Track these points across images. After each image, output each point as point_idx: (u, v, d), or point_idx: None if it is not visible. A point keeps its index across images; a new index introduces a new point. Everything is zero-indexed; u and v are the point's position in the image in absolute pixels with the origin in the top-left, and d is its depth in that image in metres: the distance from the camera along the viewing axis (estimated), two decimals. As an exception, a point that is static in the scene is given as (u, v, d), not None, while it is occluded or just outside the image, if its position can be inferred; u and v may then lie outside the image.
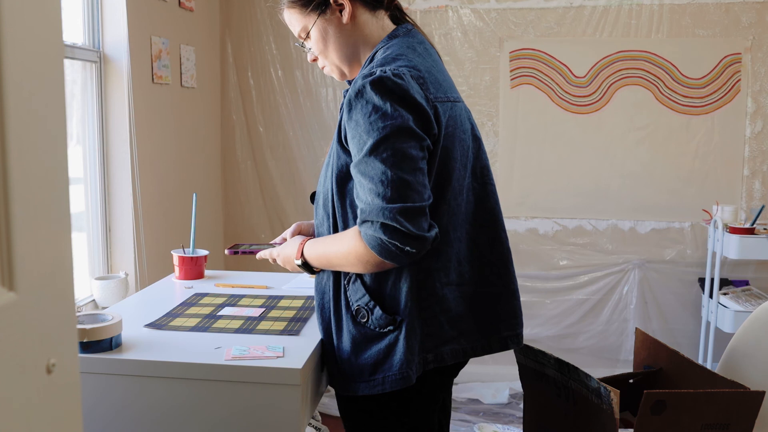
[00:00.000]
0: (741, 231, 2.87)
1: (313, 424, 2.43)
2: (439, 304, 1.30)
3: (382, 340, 1.28)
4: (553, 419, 1.74)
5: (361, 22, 1.36)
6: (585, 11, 3.27)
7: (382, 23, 1.39)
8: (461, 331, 1.33)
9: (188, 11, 3.02)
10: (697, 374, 1.76)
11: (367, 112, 1.20)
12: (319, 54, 1.41)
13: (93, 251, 2.54)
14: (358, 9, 1.35)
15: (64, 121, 0.69)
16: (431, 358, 1.30)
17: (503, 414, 3.10)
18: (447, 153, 1.28)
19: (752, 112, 3.22)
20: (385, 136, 1.18)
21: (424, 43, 1.38)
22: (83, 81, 2.48)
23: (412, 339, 1.27)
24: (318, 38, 1.38)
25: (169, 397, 1.28)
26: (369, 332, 1.29)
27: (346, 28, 1.36)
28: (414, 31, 1.39)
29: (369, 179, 1.19)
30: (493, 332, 1.38)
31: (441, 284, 1.30)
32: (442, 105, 1.27)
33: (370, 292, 1.28)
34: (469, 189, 1.35)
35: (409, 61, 1.26)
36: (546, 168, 3.37)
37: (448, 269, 1.31)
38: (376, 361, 1.28)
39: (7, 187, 0.61)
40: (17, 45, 0.61)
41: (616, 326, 3.39)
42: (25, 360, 0.64)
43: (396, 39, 1.35)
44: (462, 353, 1.34)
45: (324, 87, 3.45)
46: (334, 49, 1.38)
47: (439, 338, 1.31)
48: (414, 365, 1.27)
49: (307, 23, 1.37)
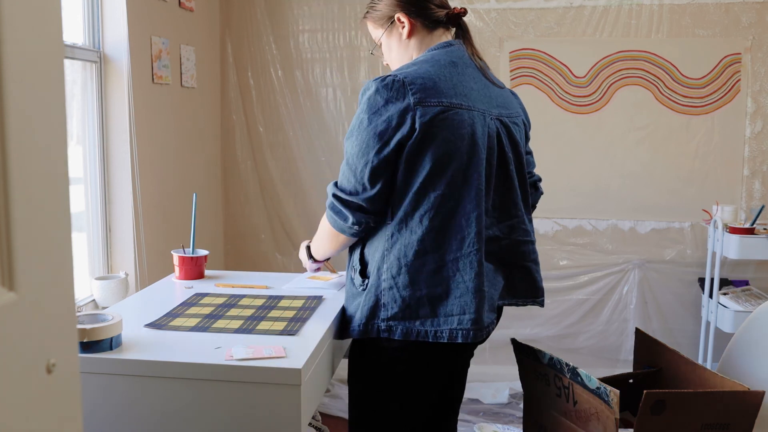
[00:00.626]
0: (741, 231, 2.87)
1: (313, 424, 2.43)
2: (395, 278, 1.44)
3: (358, 298, 1.50)
4: (554, 419, 1.74)
5: (418, 38, 1.58)
6: (585, 11, 3.27)
7: (438, 40, 1.58)
8: (416, 313, 1.43)
9: (188, 11, 3.02)
10: (697, 374, 1.76)
11: (357, 111, 1.47)
12: (388, 61, 1.65)
13: (93, 251, 2.54)
14: (417, 27, 1.57)
15: (64, 121, 0.69)
16: (383, 326, 1.45)
17: (503, 414, 3.10)
18: (423, 149, 1.41)
19: (752, 112, 3.22)
20: (355, 135, 1.44)
21: (457, 59, 1.51)
22: (83, 81, 2.48)
23: (367, 302, 1.47)
24: (385, 48, 1.63)
25: (169, 398, 1.28)
26: (354, 290, 1.53)
27: (405, 42, 1.59)
28: (455, 47, 1.54)
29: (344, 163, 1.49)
30: (445, 324, 1.44)
31: (404, 263, 1.43)
32: (426, 108, 1.40)
33: (361, 257, 1.52)
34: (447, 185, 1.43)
35: (416, 70, 1.44)
36: (546, 168, 3.36)
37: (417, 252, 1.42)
38: (353, 314, 1.51)
39: (7, 187, 0.61)
40: (17, 45, 0.61)
41: (616, 326, 3.39)
42: (25, 360, 0.64)
43: (429, 53, 1.53)
44: (415, 333, 1.44)
45: (324, 87, 3.45)
46: (395, 57, 1.62)
47: (394, 311, 1.44)
48: (364, 325, 1.47)
49: (377, 35, 1.63)
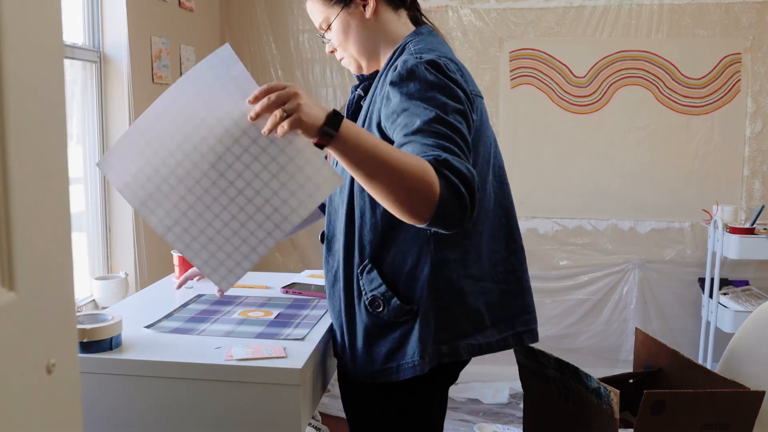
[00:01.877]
0: (741, 231, 2.87)
1: (313, 424, 2.44)
2: (454, 295, 1.29)
3: (397, 330, 1.28)
4: (553, 419, 1.74)
5: (383, 18, 1.38)
6: (585, 11, 3.27)
7: (404, 22, 1.42)
8: (477, 327, 1.33)
9: (188, 11, 3.02)
10: (697, 374, 1.76)
11: (421, 88, 1.18)
12: (339, 46, 1.41)
13: (93, 251, 2.54)
14: (382, 6, 1.38)
15: (64, 121, 0.69)
16: (446, 350, 1.29)
17: (503, 414, 3.10)
18: (475, 147, 1.28)
19: (752, 112, 3.22)
20: (444, 103, 1.16)
21: (445, 44, 1.42)
22: (83, 81, 2.48)
23: (426, 329, 1.27)
24: (339, 31, 1.38)
25: (169, 397, 1.28)
26: (383, 322, 1.29)
27: (368, 23, 1.37)
28: (435, 32, 1.43)
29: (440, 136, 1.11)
30: (509, 328, 1.38)
31: (458, 276, 1.29)
32: (476, 99, 1.29)
33: (386, 282, 1.27)
34: (491, 185, 1.37)
35: (443, 53, 1.28)
36: (546, 168, 3.37)
37: (466, 262, 1.30)
38: (389, 350, 1.29)
39: (7, 187, 0.61)
40: (17, 45, 0.61)
41: (616, 326, 3.39)
42: (25, 360, 0.64)
43: (422, 36, 1.37)
44: (478, 349, 1.33)
45: (324, 87, 3.45)
46: (355, 42, 1.39)
47: (454, 331, 1.30)
48: (428, 355, 1.27)
49: (330, 15, 1.38)
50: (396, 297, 1.26)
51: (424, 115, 1.13)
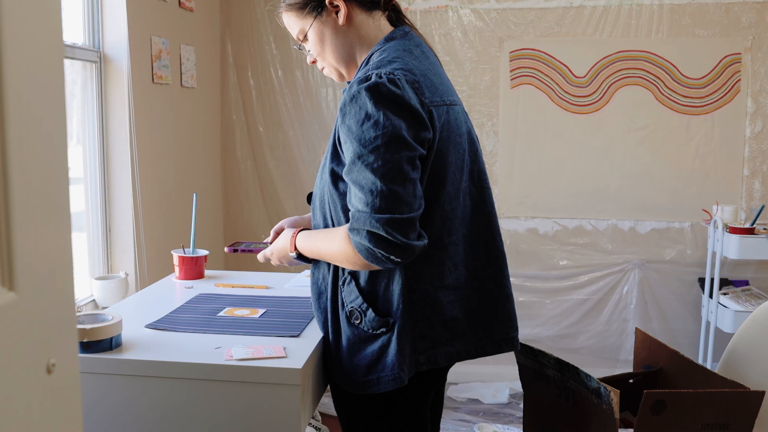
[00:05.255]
0: (741, 231, 2.87)
1: (313, 424, 2.43)
2: (430, 306, 1.30)
3: (375, 342, 1.30)
4: (553, 419, 1.74)
5: (357, 23, 1.36)
6: (585, 11, 3.27)
7: (379, 24, 1.39)
8: (455, 335, 1.34)
9: (188, 11, 3.02)
10: (697, 374, 1.76)
11: (359, 119, 1.20)
12: (317, 56, 1.41)
13: (93, 251, 2.54)
14: (354, 10, 1.35)
15: (64, 121, 0.69)
16: (423, 359, 1.31)
17: (503, 414, 3.10)
18: (442, 157, 1.28)
19: (752, 112, 3.22)
20: (377, 146, 1.18)
21: (421, 46, 1.38)
22: (83, 81, 2.48)
23: (403, 341, 1.28)
24: (315, 40, 1.38)
25: (169, 397, 1.28)
26: (363, 333, 1.31)
27: (342, 30, 1.36)
28: (411, 33, 1.39)
29: (359, 187, 1.20)
30: (487, 335, 1.38)
31: (434, 287, 1.30)
32: (437, 109, 1.27)
33: (363, 294, 1.30)
34: (466, 193, 1.35)
35: (405, 65, 1.26)
36: (546, 168, 3.37)
37: (442, 273, 1.31)
38: (370, 362, 1.30)
39: (7, 187, 0.61)
40: (17, 45, 0.61)
41: (616, 326, 3.39)
42: (25, 360, 0.64)
43: (392, 42, 1.34)
44: (456, 356, 1.34)
45: (324, 87, 3.46)
46: (331, 50, 1.38)
47: (432, 340, 1.31)
48: (406, 366, 1.29)
49: (304, 25, 1.38)
50: (372, 309, 1.29)
51: (356, 174, 1.21)
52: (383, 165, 1.18)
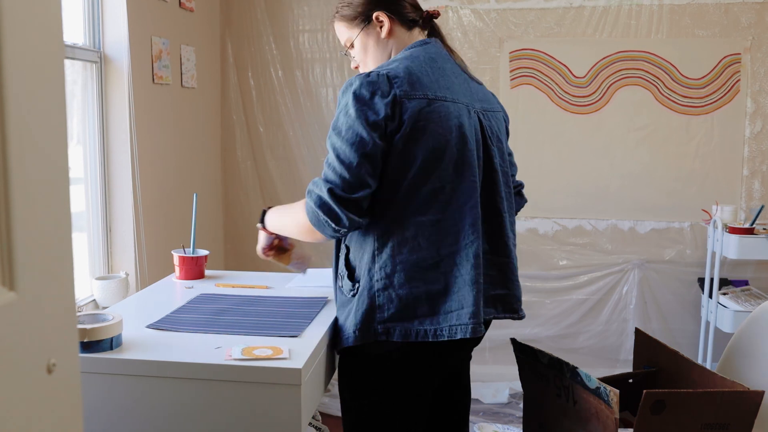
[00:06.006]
0: (740, 231, 2.87)
1: (313, 424, 2.44)
2: (389, 279, 1.38)
3: (350, 304, 1.44)
4: (553, 419, 1.74)
5: (396, 37, 1.54)
6: (585, 11, 3.27)
7: (415, 38, 1.55)
8: (414, 313, 1.38)
9: (188, 11, 3.02)
10: (697, 374, 1.76)
11: (339, 107, 1.40)
12: (360, 62, 1.59)
13: (93, 251, 2.54)
14: (396, 26, 1.53)
15: (64, 121, 0.69)
16: (381, 329, 1.39)
17: (503, 414, 3.10)
18: (410, 143, 1.36)
19: (752, 112, 3.22)
20: (339, 131, 1.36)
21: (435, 54, 1.49)
22: (83, 81, 2.48)
23: (362, 306, 1.40)
24: (360, 49, 1.56)
25: (170, 397, 1.28)
26: (344, 297, 1.47)
27: (383, 42, 1.54)
28: (431, 44, 1.52)
29: (326, 159, 1.39)
30: (445, 321, 1.38)
31: (397, 261, 1.38)
32: (412, 101, 1.36)
33: (347, 262, 1.47)
34: (446, 181, 1.38)
35: (397, 65, 1.40)
36: (546, 168, 3.37)
37: (409, 248, 1.37)
38: (344, 321, 1.45)
39: (7, 187, 0.61)
40: (17, 45, 0.61)
41: (616, 326, 3.39)
42: (25, 360, 0.64)
43: (408, 50, 1.49)
44: (413, 334, 1.38)
45: (324, 87, 3.46)
46: (372, 58, 1.55)
47: (390, 313, 1.38)
48: (362, 331, 1.40)
49: (352, 35, 1.56)
50: (348, 274, 1.45)
51: (329, 148, 1.40)
52: (340, 146, 1.35)
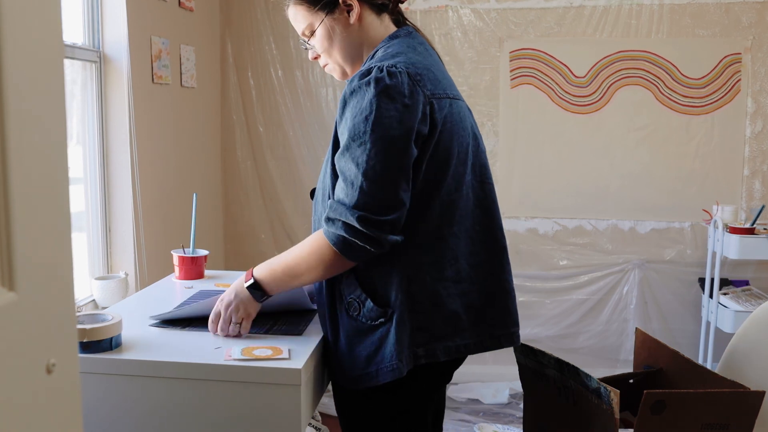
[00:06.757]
0: (741, 231, 2.87)
1: (313, 424, 2.44)
2: (429, 298, 1.30)
3: (374, 333, 1.29)
4: (553, 419, 1.74)
5: (366, 23, 1.39)
6: (585, 11, 3.27)
7: (386, 25, 1.43)
8: (455, 329, 1.33)
9: (188, 11, 3.02)
10: (697, 374, 1.76)
11: (355, 113, 1.24)
12: (323, 52, 1.43)
13: (93, 251, 2.54)
14: (366, 11, 1.38)
15: (64, 121, 0.69)
16: (422, 352, 1.30)
17: (503, 414, 3.10)
18: (444, 149, 1.29)
19: (752, 112, 3.22)
20: (363, 141, 1.22)
21: (425, 44, 1.41)
22: (83, 81, 2.48)
23: (402, 332, 1.28)
24: (323, 37, 1.40)
25: (169, 398, 1.28)
26: (361, 325, 1.31)
27: (352, 29, 1.38)
28: (415, 33, 1.43)
29: (343, 177, 1.24)
30: (486, 330, 1.37)
31: (432, 279, 1.31)
32: (439, 101, 1.29)
33: (362, 286, 1.30)
34: (469, 186, 1.36)
35: (407, 59, 1.29)
36: (546, 168, 3.37)
37: (441, 265, 1.31)
38: (368, 354, 1.30)
39: (7, 187, 0.61)
40: (17, 45, 0.61)
41: (616, 326, 3.39)
42: (25, 360, 0.64)
43: (397, 39, 1.38)
44: (455, 350, 1.34)
45: (324, 87, 3.45)
46: (339, 48, 1.40)
47: (431, 333, 1.31)
48: (404, 358, 1.28)
49: (314, 21, 1.39)
50: (370, 299, 1.29)
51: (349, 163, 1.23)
52: (367, 161, 1.21)
